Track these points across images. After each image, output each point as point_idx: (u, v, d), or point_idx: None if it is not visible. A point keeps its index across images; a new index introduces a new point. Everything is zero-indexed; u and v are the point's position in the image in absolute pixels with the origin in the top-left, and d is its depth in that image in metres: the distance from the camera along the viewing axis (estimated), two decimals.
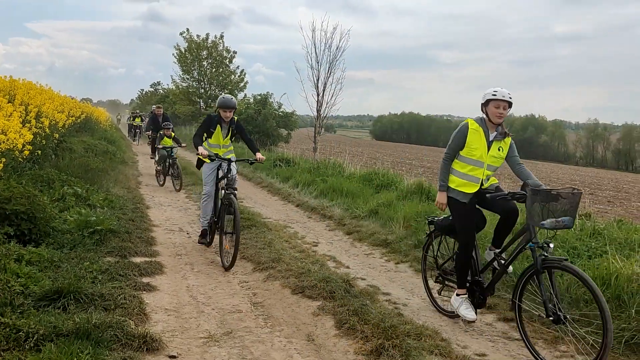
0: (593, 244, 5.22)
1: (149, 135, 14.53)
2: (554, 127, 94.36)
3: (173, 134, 11.59)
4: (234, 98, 6.00)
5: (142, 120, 26.13)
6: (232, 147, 6.35)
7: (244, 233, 6.92)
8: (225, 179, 5.77)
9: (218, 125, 6.07)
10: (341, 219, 8.23)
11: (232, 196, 5.53)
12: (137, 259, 5.40)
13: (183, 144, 11.79)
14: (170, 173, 11.26)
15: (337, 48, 13.95)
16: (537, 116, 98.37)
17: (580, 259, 4.92)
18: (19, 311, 3.57)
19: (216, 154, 5.96)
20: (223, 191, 5.73)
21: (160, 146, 11.44)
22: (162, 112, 13.57)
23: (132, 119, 28.81)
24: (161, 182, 11.54)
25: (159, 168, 11.73)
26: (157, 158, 12.13)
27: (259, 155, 6.08)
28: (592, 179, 34.48)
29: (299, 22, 22.23)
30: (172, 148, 11.22)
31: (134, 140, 27.05)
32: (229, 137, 6.20)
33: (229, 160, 5.91)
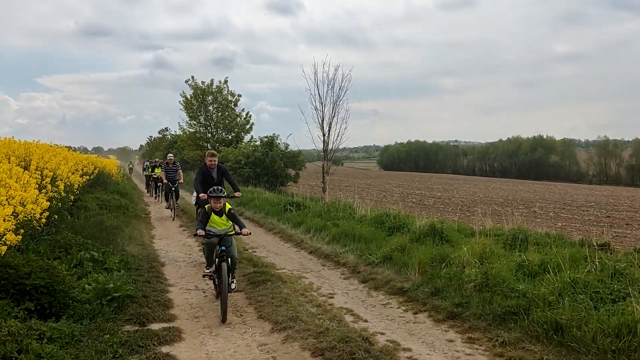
0: (615, 286, 5.14)
1: (197, 202, 8.99)
2: (564, 147, 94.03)
3: (228, 207, 6.40)
4: None
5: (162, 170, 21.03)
6: None
7: (259, 289, 6.90)
8: None
9: None
10: (355, 265, 8.20)
11: None
12: (156, 326, 5.40)
13: (246, 230, 6.18)
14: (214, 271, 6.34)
15: (340, 88, 14.15)
16: (545, 136, 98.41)
17: (604, 304, 4.84)
18: None
19: None
20: None
21: (202, 231, 6.10)
22: (216, 162, 8.87)
23: (150, 169, 22.66)
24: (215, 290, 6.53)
25: (211, 274, 6.48)
26: (204, 251, 6.60)
27: None
28: (608, 199, 33.99)
29: (301, 66, 22.66)
30: (225, 233, 6.30)
31: (151, 195, 21.69)
32: None
33: None
